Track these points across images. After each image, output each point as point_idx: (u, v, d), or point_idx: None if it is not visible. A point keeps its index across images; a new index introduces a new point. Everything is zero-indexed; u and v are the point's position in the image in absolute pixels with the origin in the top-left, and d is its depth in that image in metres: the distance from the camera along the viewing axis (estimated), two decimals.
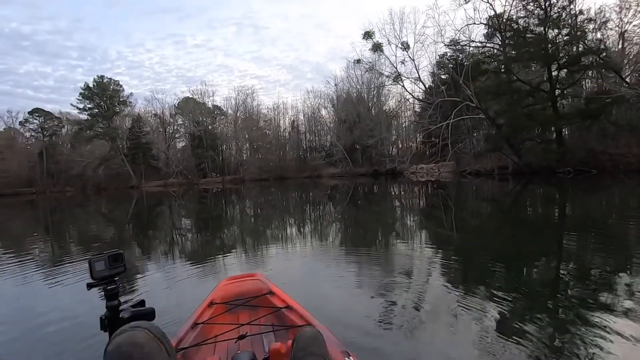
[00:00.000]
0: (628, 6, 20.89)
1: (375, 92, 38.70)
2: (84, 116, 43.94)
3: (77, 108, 43.37)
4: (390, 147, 40.44)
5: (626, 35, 22.04)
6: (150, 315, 1.04)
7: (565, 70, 20.85)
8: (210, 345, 1.59)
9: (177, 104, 45.87)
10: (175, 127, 47.02)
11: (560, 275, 3.59)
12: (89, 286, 1.04)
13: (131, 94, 47.09)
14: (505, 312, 2.66)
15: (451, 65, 29.36)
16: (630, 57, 21.63)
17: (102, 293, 1.08)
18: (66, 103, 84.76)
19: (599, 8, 21.37)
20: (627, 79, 19.92)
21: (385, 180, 26.36)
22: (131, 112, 46.89)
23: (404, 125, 41.54)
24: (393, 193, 16.71)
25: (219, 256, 5.34)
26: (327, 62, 64.23)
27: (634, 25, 21.35)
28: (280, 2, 76.90)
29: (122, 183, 42.03)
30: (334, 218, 9.43)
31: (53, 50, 65.75)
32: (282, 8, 77.55)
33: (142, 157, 42.94)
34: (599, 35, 21.11)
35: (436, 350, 2.18)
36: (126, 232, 9.36)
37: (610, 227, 6.07)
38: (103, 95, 42.99)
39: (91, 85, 42.94)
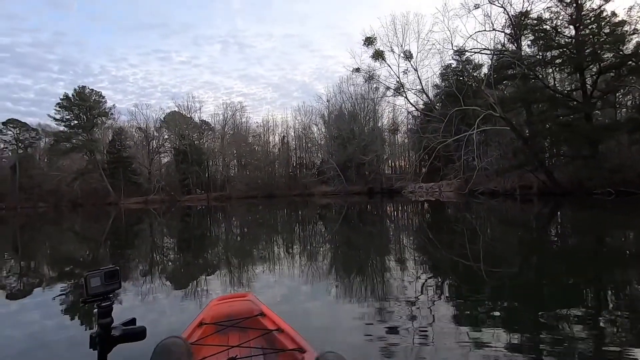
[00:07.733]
0: None
1: (371, 106, 38.93)
2: (62, 128, 43.58)
3: (55, 119, 42.94)
4: (386, 164, 40.64)
5: None
6: (141, 334, 1.06)
7: (600, 76, 19.28)
8: None
9: (163, 118, 45.96)
10: (160, 142, 46.89)
11: (596, 324, 3.54)
12: (83, 302, 1.05)
13: (114, 105, 46.98)
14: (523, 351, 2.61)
15: (455, 77, 29.01)
16: None
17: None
18: (46, 116, 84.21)
19: (630, 8, 19.61)
20: None
21: (381, 199, 26.37)
22: (113, 124, 46.76)
23: (400, 141, 41.89)
24: (391, 214, 16.69)
25: (203, 276, 5.25)
26: (312, 81, 66.43)
27: None
28: (265, 22, 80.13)
29: (99, 199, 41.34)
30: (326, 239, 9.35)
31: (34, 63, 66.29)
32: (266, 28, 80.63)
33: (122, 172, 42.47)
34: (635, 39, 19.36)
35: None
36: (101, 251, 9.12)
37: None
38: (83, 105, 42.69)
39: (70, 95, 42.71)
